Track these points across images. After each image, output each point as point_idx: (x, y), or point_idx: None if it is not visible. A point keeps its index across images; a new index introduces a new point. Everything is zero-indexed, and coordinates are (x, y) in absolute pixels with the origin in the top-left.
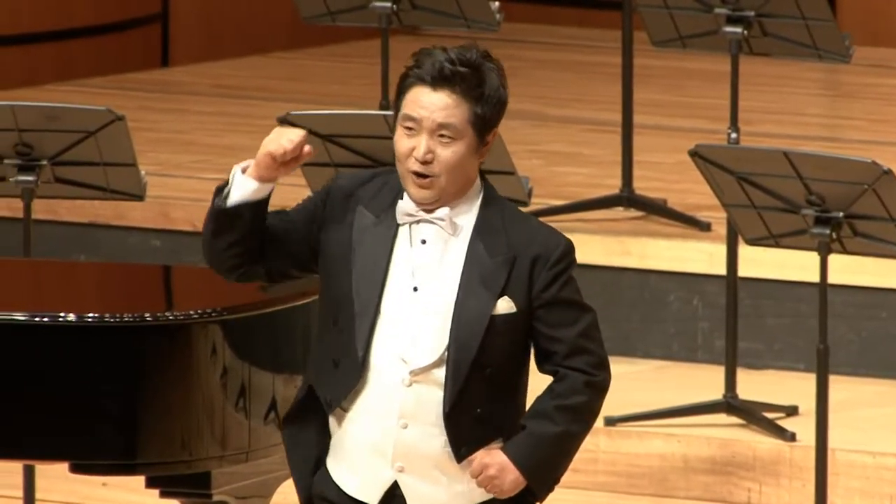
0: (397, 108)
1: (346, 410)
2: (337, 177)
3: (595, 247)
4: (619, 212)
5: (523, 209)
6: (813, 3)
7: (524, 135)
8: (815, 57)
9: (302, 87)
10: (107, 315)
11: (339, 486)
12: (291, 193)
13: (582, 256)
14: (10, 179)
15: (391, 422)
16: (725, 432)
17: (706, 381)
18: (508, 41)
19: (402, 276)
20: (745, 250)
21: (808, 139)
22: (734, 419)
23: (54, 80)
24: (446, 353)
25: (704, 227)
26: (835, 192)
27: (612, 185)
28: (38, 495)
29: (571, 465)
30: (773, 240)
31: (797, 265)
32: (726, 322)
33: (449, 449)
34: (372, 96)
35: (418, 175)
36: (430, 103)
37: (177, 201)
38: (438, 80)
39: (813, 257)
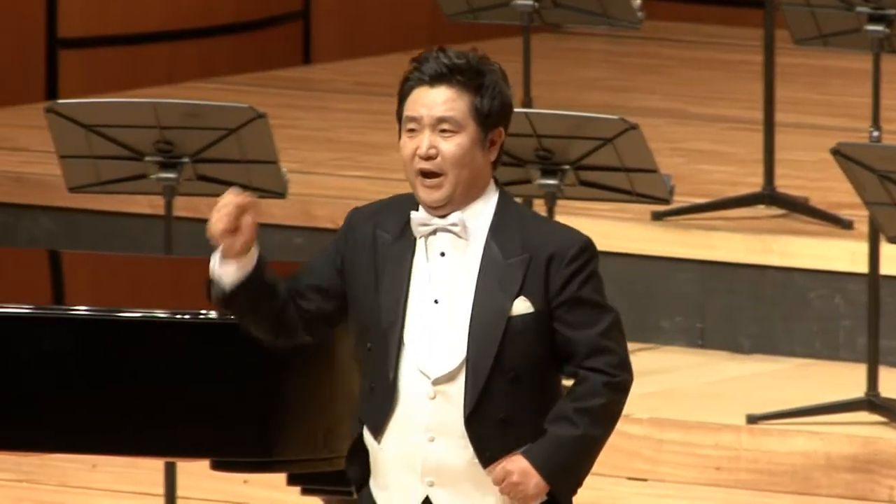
0: (400, 115)
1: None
2: (352, 211)
3: (737, 245)
4: (760, 210)
5: (666, 207)
6: None
7: (666, 132)
8: None
9: None
10: None
11: None
12: None
13: (724, 254)
14: (152, 177)
15: (418, 436)
16: (867, 430)
17: (848, 379)
18: (650, 39)
19: (423, 290)
20: (887, 248)
21: None
22: (876, 417)
23: (196, 78)
24: (465, 359)
25: (846, 225)
26: None
27: (754, 183)
28: (179, 493)
29: (714, 463)
30: None
31: None
32: (868, 320)
33: (477, 461)
34: (513, 94)
35: (425, 175)
36: (429, 100)
37: (319, 198)
38: (436, 78)
39: None
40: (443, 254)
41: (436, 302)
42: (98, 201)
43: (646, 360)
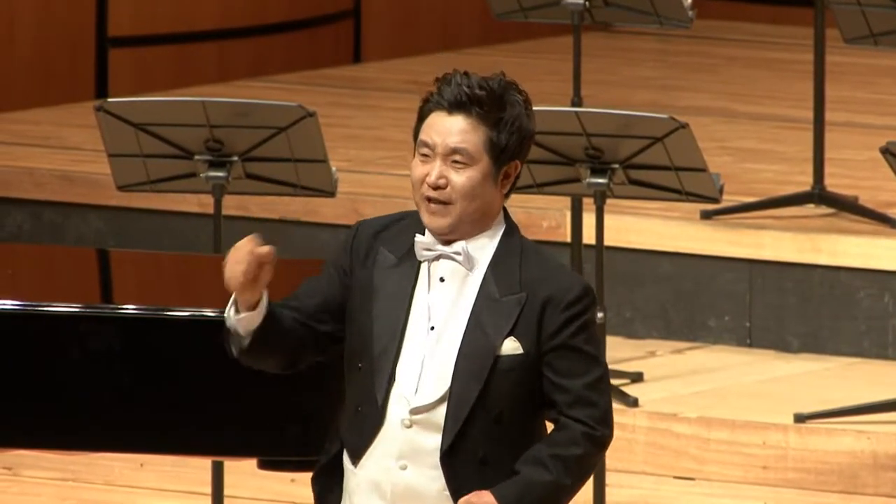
0: (416, 135)
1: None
2: (359, 223)
3: (786, 244)
4: (810, 209)
5: (715, 206)
6: None
7: (715, 131)
8: None
9: None
10: None
11: None
12: None
13: (772, 253)
14: (201, 175)
15: (391, 462)
16: None
17: None
18: (700, 38)
19: (421, 316)
20: None
21: None
22: None
23: (246, 77)
24: (447, 393)
25: (895, 224)
26: None
27: (804, 182)
28: (226, 492)
29: (761, 462)
30: None
31: None
32: None
33: (447, 493)
34: (563, 93)
35: (431, 201)
36: (444, 128)
37: (368, 198)
38: (455, 106)
39: None
40: (442, 279)
41: (432, 328)
42: (147, 200)
43: (694, 359)
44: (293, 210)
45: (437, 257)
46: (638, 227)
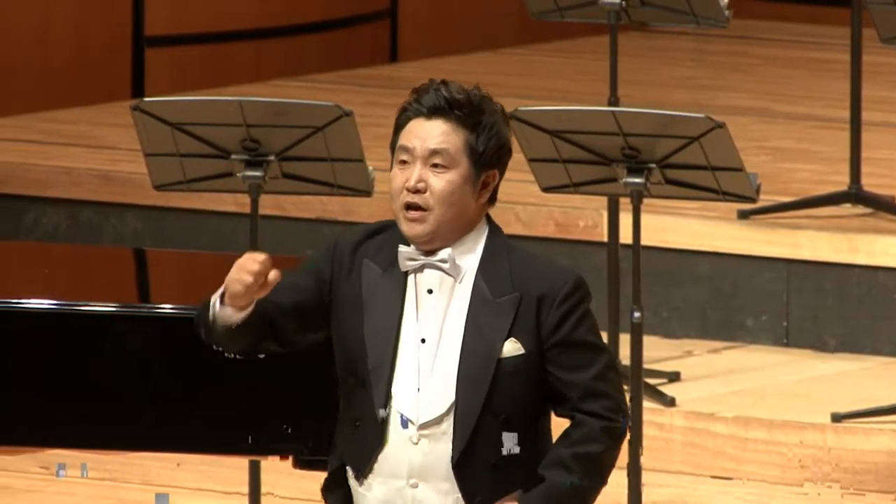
0: (393, 146)
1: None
2: (340, 236)
3: (823, 243)
4: (846, 208)
5: (752, 205)
6: None
7: (752, 131)
8: None
9: (530, 83)
10: None
11: None
12: None
13: (809, 253)
14: (238, 175)
15: (401, 482)
16: None
17: None
18: (737, 38)
19: (412, 329)
20: None
21: None
22: None
23: (283, 76)
24: (453, 403)
25: None
26: None
27: (840, 182)
28: (263, 490)
29: (799, 462)
30: None
31: None
32: None
33: (462, 503)
34: (600, 93)
35: (410, 208)
36: (424, 132)
37: None
38: (434, 111)
39: None
40: (430, 291)
41: (423, 341)
42: (184, 199)
43: (731, 359)
44: (330, 210)
45: (422, 267)
46: (675, 226)
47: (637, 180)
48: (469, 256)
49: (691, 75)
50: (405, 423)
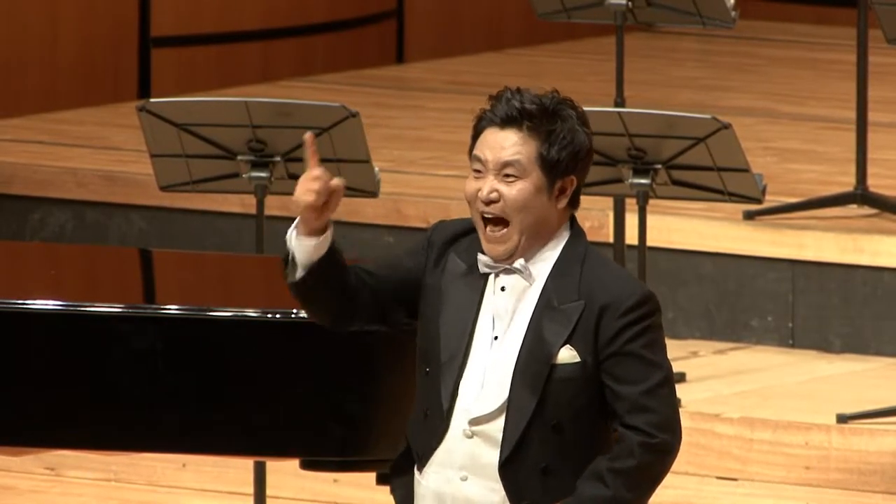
0: (471, 152)
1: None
2: (437, 224)
3: (828, 244)
4: (852, 209)
5: (757, 206)
6: None
7: (758, 131)
8: None
9: (536, 84)
10: None
11: None
12: None
13: (815, 254)
14: (244, 176)
15: (452, 473)
16: None
17: None
18: (744, 38)
19: (486, 326)
20: None
21: None
22: None
23: (290, 77)
24: (506, 401)
25: None
26: None
27: (846, 183)
28: (268, 492)
29: (804, 462)
30: None
31: None
32: None
33: None
34: (606, 93)
35: (488, 221)
36: (496, 143)
37: (410, 198)
38: (507, 121)
39: None
40: (503, 289)
41: (496, 339)
42: (190, 200)
43: (736, 360)
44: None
45: (502, 270)
46: (680, 227)
47: (643, 181)
48: (544, 263)
49: (697, 76)
50: (465, 416)
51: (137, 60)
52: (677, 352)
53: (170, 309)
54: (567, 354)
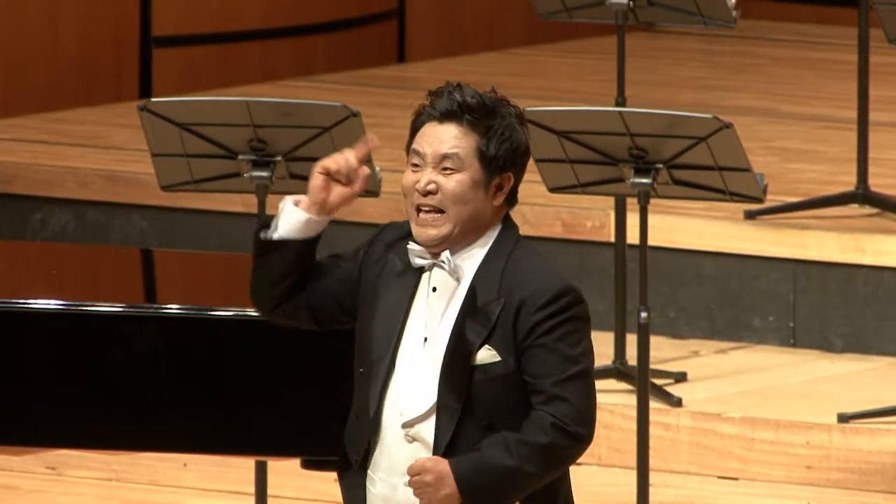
0: (408, 147)
1: (366, 466)
2: (388, 224)
3: (829, 244)
4: (853, 209)
5: (759, 206)
6: None
7: (759, 131)
8: None
9: (538, 84)
10: None
11: None
12: None
13: (816, 253)
14: (245, 175)
15: (397, 479)
16: None
17: None
18: (745, 38)
19: (417, 326)
20: None
21: None
22: None
23: (291, 76)
24: (436, 403)
25: None
26: None
27: (847, 182)
28: (270, 491)
29: (805, 462)
30: None
31: None
32: None
33: None
34: (607, 93)
35: (422, 210)
36: (435, 136)
37: None
38: (446, 115)
39: None
40: (434, 289)
41: (425, 340)
42: (191, 200)
43: (738, 359)
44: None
45: (432, 266)
46: (682, 226)
47: (644, 181)
48: (471, 260)
49: (698, 75)
50: (398, 419)
51: (138, 60)
52: (678, 351)
53: (171, 309)
54: (486, 354)
